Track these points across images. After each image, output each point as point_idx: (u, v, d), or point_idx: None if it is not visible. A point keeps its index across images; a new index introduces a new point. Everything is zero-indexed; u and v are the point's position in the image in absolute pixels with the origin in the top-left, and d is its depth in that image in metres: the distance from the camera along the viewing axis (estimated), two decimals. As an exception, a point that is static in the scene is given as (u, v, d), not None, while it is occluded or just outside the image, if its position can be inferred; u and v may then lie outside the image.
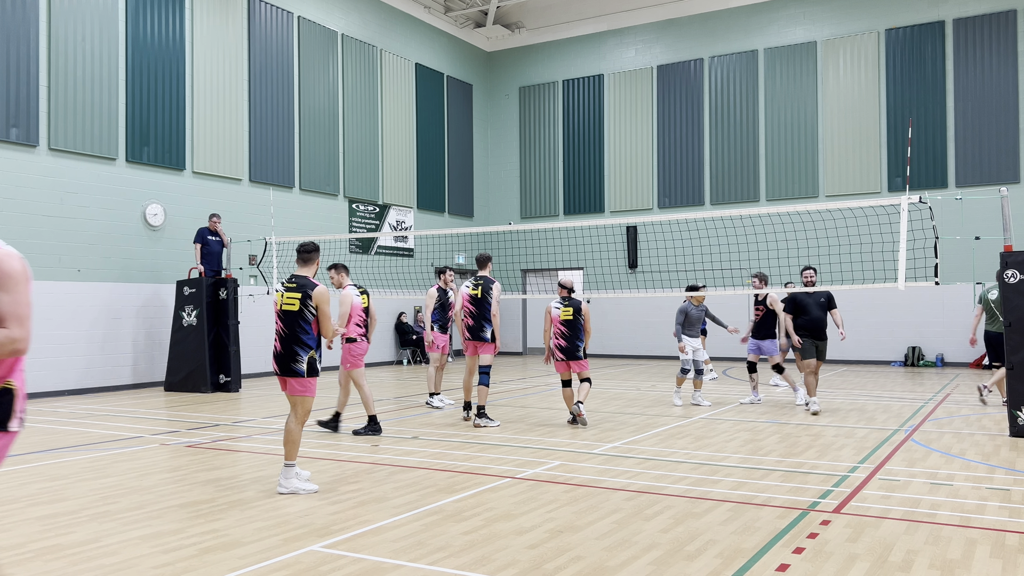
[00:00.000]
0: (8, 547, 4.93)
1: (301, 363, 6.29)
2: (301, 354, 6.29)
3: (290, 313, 6.33)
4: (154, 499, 6.13)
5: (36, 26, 13.28)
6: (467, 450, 8.07)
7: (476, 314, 9.78)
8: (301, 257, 6.64)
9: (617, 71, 22.79)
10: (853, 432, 9.09)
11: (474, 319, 9.79)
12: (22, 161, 13.08)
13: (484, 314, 9.77)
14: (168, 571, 4.45)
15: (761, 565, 4.50)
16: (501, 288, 10.02)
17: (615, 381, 15.51)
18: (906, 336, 19.05)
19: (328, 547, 4.87)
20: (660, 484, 6.48)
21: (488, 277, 9.92)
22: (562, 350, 9.54)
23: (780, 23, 20.82)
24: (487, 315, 9.76)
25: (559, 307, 9.62)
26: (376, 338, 20.00)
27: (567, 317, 9.53)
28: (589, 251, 21.14)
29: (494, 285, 9.84)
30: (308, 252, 6.64)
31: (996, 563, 4.51)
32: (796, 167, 20.46)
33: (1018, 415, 8.59)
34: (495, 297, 9.76)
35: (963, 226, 15.09)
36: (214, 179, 16.20)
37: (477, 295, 9.80)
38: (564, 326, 9.53)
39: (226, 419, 10.61)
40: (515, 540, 4.98)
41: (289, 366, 6.30)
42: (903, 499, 5.96)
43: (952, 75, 18.88)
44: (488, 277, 9.92)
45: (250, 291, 15.80)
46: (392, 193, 20.94)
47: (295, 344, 6.30)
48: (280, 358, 6.32)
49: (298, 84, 18.22)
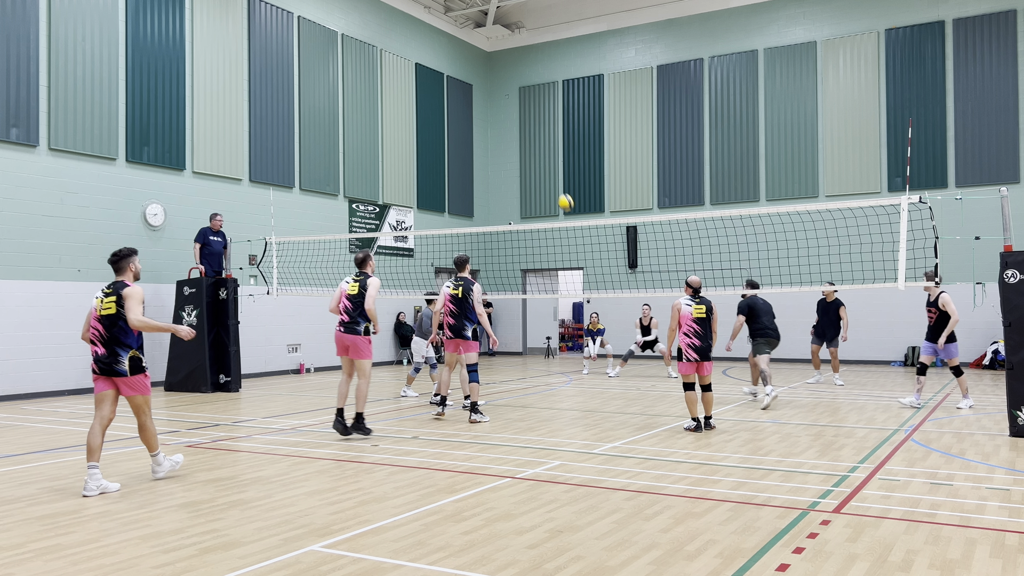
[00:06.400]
0: (8, 547, 4.93)
1: (123, 363, 6.48)
2: (122, 354, 6.48)
3: (109, 316, 6.48)
4: (154, 499, 6.13)
5: (36, 26, 13.29)
6: (467, 450, 8.07)
7: (457, 313, 10.06)
8: (112, 264, 6.75)
9: (617, 71, 22.79)
10: (853, 432, 9.09)
11: (455, 318, 10.06)
12: (22, 161, 13.09)
13: (466, 313, 10.05)
14: (168, 571, 4.45)
15: (761, 565, 4.50)
16: (482, 289, 10.31)
17: (615, 381, 15.51)
18: (906, 336, 19.05)
19: (328, 547, 4.87)
20: (660, 484, 6.47)
21: (468, 278, 10.24)
22: (696, 350, 8.99)
23: (780, 23, 20.83)
24: (468, 314, 10.05)
25: (691, 304, 9.10)
26: (376, 338, 20.02)
27: (700, 315, 9.03)
28: (589, 251, 21.14)
29: (475, 287, 10.14)
30: (120, 259, 6.72)
31: (996, 563, 4.51)
32: (796, 167, 20.46)
33: (1018, 415, 8.59)
34: (477, 298, 10.06)
35: (963, 226, 15.09)
36: (214, 179, 16.20)
37: (458, 295, 10.09)
38: (697, 324, 9.01)
39: (226, 419, 10.61)
40: (515, 540, 4.98)
41: (112, 367, 6.48)
42: (903, 499, 5.96)
43: (952, 75, 18.88)
44: (468, 278, 10.24)
45: (250, 291, 15.80)
46: (392, 193, 20.94)
47: (116, 345, 6.47)
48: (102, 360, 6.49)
49: (298, 84, 18.22)
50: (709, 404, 9.23)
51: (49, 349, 13.28)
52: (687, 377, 9.15)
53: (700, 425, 9.10)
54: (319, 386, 14.99)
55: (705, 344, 9.08)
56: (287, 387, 14.89)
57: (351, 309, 8.84)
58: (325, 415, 10.80)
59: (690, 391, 9.14)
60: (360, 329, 8.80)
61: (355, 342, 8.79)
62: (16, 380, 12.87)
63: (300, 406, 11.92)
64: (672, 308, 9.28)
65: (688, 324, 9.08)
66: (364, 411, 8.86)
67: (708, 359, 9.13)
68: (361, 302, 8.84)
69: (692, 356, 9.06)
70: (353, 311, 8.83)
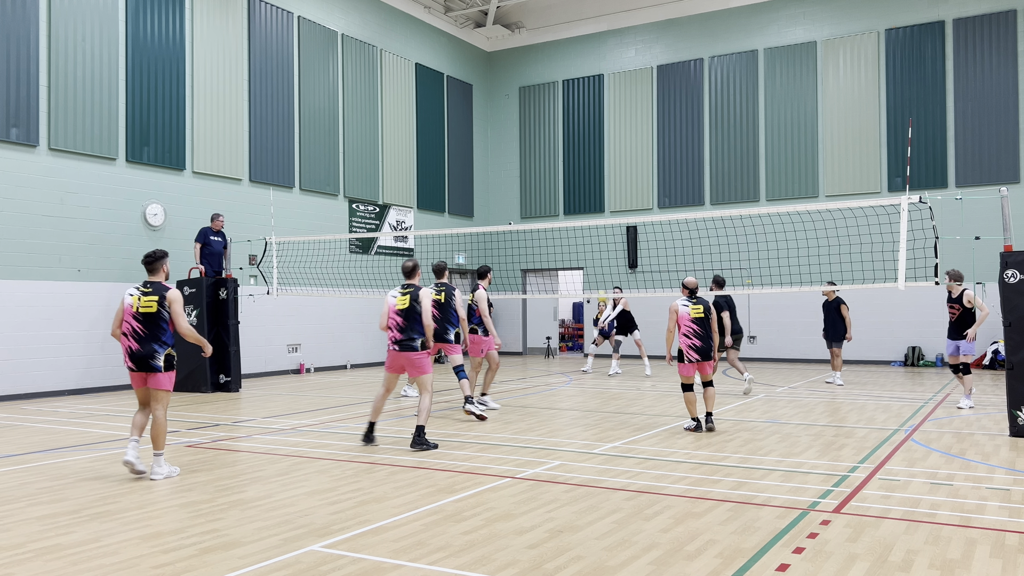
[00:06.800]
0: (8, 547, 4.93)
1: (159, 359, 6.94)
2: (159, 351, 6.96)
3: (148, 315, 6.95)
4: (154, 499, 6.13)
5: (36, 26, 13.29)
6: (467, 450, 8.07)
7: (439, 318, 10.25)
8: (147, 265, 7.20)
9: (617, 71, 22.79)
10: (853, 432, 9.09)
11: (437, 323, 10.22)
12: (22, 161, 13.09)
13: (448, 317, 10.31)
14: (168, 571, 4.45)
15: (761, 565, 4.50)
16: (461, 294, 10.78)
17: (615, 380, 15.51)
18: (906, 336, 19.05)
19: (328, 547, 4.87)
20: (660, 484, 6.48)
21: (449, 284, 10.58)
22: (697, 350, 8.97)
23: (780, 23, 20.83)
24: (450, 319, 10.32)
25: (687, 304, 9.10)
26: (376, 338, 20.04)
27: (698, 315, 9.03)
28: (589, 251, 21.14)
29: (456, 292, 10.45)
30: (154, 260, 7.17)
31: (996, 563, 4.51)
32: (796, 167, 20.46)
33: (1018, 415, 8.59)
34: (458, 303, 10.39)
35: (963, 226, 15.08)
36: (214, 179, 16.20)
37: (440, 300, 10.36)
38: (696, 324, 9.00)
39: (226, 419, 10.61)
40: (515, 540, 4.98)
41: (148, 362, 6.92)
42: (903, 499, 5.96)
43: (952, 75, 18.88)
44: (449, 284, 10.58)
45: (250, 291, 15.80)
46: (392, 193, 20.94)
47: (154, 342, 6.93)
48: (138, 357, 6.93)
49: (298, 84, 18.22)
50: (711, 400, 9.23)
51: (49, 349, 13.28)
52: (686, 379, 9.16)
53: (700, 425, 9.11)
54: (319, 386, 14.99)
55: (706, 344, 9.08)
56: (287, 387, 14.89)
57: (403, 325, 8.15)
58: (325, 415, 10.81)
59: (689, 391, 9.16)
60: (417, 345, 8.16)
61: (412, 360, 8.17)
62: (16, 380, 12.86)
63: (300, 406, 11.92)
64: (669, 310, 9.26)
65: (687, 325, 9.08)
66: (425, 424, 8.16)
67: (709, 358, 9.11)
68: (413, 316, 8.18)
69: (693, 356, 9.04)
70: (406, 327, 8.15)
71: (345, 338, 19.11)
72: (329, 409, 11.43)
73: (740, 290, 12.87)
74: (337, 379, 16.43)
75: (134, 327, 6.93)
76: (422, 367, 8.18)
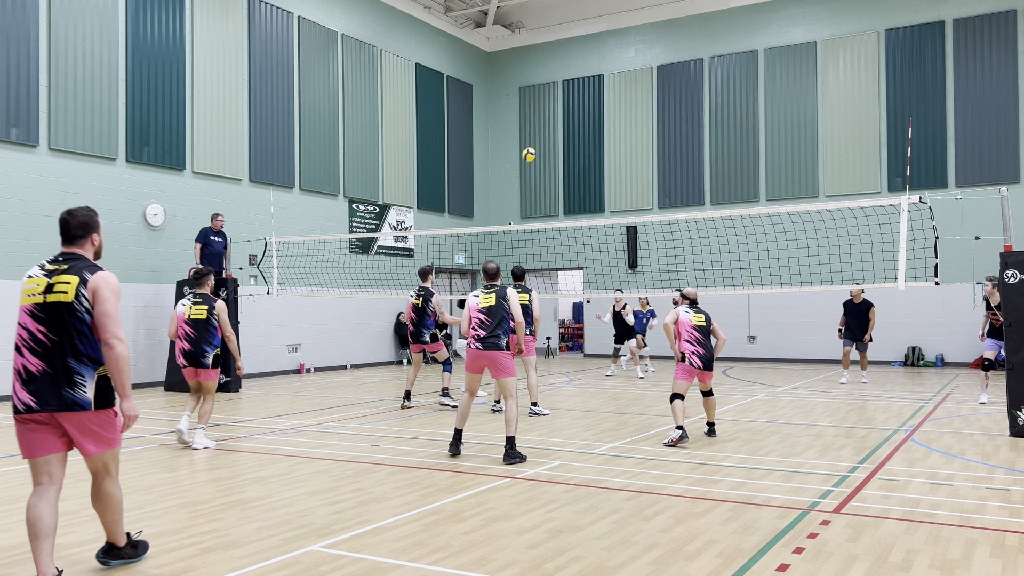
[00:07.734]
0: (8, 547, 4.93)
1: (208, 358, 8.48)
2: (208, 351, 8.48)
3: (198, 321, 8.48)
4: (154, 499, 6.13)
5: (36, 26, 13.29)
6: (467, 450, 8.06)
7: (417, 321, 11.20)
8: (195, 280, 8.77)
9: (617, 71, 22.79)
10: (853, 432, 9.09)
11: (415, 325, 11.24)
12: (22, 161, 13.09)
13: (423, 320, 11.18)
14: (168, 571, 4.45)
15: (761, 565, 4.50)
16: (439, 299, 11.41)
17: (615, 380, 15.51)
18: (906, 336, 19.05)
19: (328, 547, 4.87)
20: (660, 484, 6.48)
21: (429, 288, 11.24)
22: (701, 358, 8.71)
23: (780, 23, 20.83)
24: (426, 322, 11.17)
25: (689, 312, 8.93)
26: (376, 338, 20.06)
27: (700, 323, 8.88)
28: (589, 251, 21.14)
29: (434, 297, 11.17)
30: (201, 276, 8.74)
31: (996, 563, 4.51)
32: (796, 167, 20.46)
33: (1018, 415, 8.59)
34: (436, 306, 11.16)
35: (963, 226, 15.09)
36: (214, 179, 16.20)
37: (419, 304, 11.19)
38: (699, 332, 8.84)
39: (226, 419, 10.62)
40: (515, 540, 4.98)
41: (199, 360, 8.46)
42: (903, 499, 5.96)
43: (952, 75, 18.88)
44: (429, 288, 11.24)
45: (250, 291, 15.80)
46: (392, 193, 20.94)
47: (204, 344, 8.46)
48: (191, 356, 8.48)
49: (298, 84, 18.22)
50: (711, 409, 9.04)
51: (49, 349, 13.26)
52: (679, 387, 8.74)
53: (686, 433, 8.56)
54: (319, 386, 14.99)
55: (708, 353, 8.94)
56: (287, 387, 14.89)
57: (488, 323, 7.79)
58: (325, 415, 10.82)
59: (678, 400, 8.69)
60: (503, 344, 7.76)
61: (495, 359, 7.72)
62: (16, 380, 12.84)
63: (300, 406, 11.92)
64: (670, 312, 9.17)
65: (689, 332, 8.86)
66: (515, 435, 7.59)
67: (710, 368, 8.97)
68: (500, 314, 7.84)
69: (697, 363, 8.76)
70: (491, 324, 7.79)
71: (345, 338, 19.11)
72: (329, 409, 11.44)
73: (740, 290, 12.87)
74: (337, 379, 16.43)
75: (187, 331, 8.40)
76: (505, 368, 7.74)
